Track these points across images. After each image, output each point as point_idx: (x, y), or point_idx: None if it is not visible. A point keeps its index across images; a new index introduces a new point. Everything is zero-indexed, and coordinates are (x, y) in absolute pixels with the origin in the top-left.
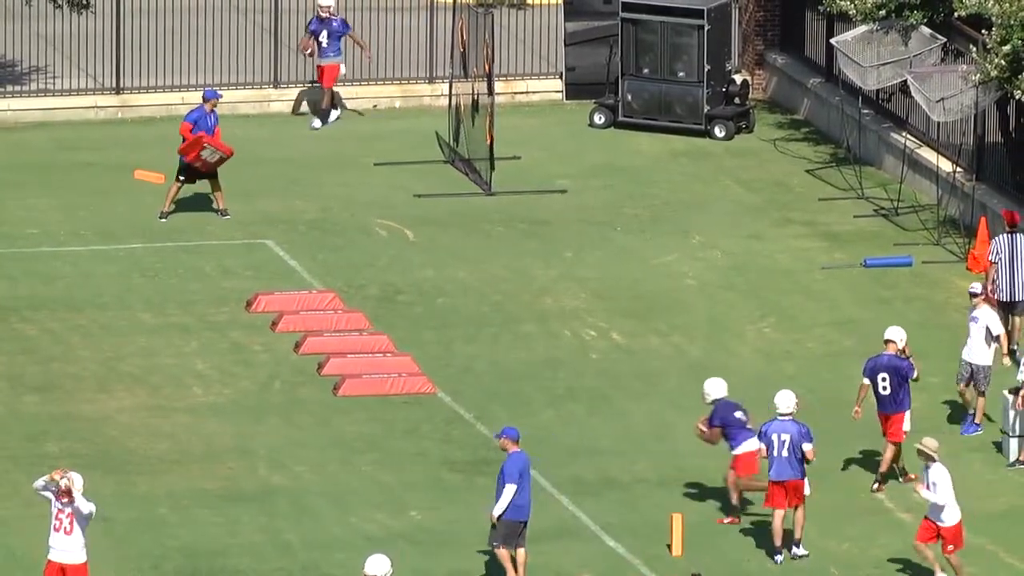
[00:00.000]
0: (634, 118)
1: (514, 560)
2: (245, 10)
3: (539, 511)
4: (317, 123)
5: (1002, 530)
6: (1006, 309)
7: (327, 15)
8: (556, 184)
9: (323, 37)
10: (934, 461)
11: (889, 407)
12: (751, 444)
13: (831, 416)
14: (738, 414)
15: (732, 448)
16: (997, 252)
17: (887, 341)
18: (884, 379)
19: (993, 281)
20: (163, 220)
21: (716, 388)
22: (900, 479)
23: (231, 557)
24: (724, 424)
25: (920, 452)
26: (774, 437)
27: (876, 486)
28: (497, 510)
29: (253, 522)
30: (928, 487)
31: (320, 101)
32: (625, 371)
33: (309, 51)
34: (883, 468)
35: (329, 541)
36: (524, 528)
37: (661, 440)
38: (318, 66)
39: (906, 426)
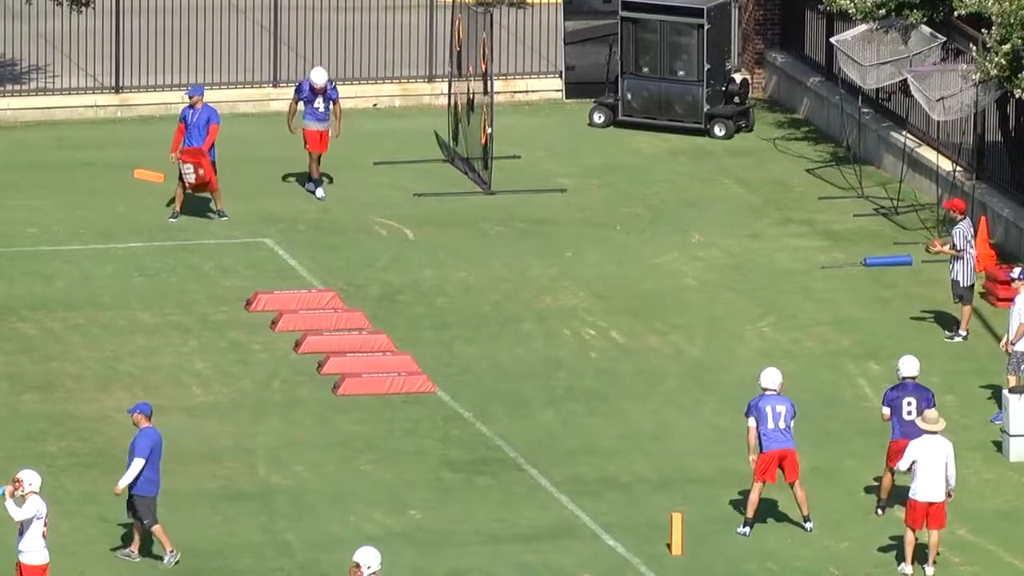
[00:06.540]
0: (634, 117)
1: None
2: (245, 9)
3: (539, 511)
4: (321, 192)
5: (1002, 530)
6: (968, 294)
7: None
8: (556, 183)
9: (319, 102)
10: None
11: (916, 433)
12: None
13: (831, 415)
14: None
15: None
16: (965, 239)
17: (908, 377)
18: (910, 403)
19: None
20: (174, 220)
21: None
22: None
23: (230, 557)
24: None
25: None
26: (768, 410)
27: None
28: (123, 482)
29: (252, 522)
30: None
31: (314, 168)
32: (625, 371)
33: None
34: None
35: (328, 540)
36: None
37: (661, 440)
38: (315, 131)
39: None
